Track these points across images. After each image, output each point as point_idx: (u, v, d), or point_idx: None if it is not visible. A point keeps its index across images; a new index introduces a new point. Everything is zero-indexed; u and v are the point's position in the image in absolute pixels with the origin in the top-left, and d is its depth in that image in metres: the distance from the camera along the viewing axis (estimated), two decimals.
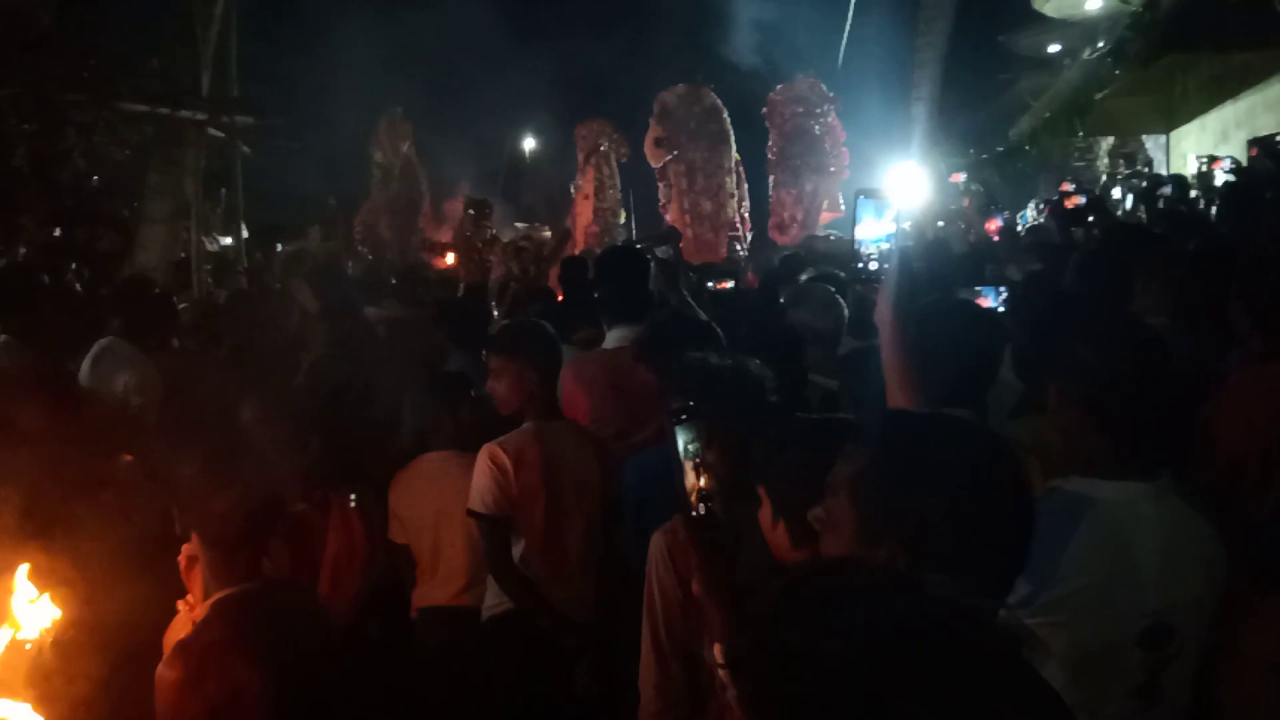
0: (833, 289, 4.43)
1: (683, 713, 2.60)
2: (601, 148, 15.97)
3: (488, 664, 3.66)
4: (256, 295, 7.41)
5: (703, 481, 1.87)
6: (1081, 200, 8.36)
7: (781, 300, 4.94)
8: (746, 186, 15.80)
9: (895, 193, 2.54)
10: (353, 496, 3.36)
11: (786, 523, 2.01)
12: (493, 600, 3.63)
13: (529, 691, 3.57)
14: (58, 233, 9.79)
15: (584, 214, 16.09)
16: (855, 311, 4.45)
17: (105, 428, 3.90)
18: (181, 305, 7.25)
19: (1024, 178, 16.70)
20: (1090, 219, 7.42)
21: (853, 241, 2.35)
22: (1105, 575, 1.97)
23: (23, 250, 9.53)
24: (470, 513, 3.56)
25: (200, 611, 2.33)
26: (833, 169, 15.60)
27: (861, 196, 2.36)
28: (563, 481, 3.59)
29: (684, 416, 1.88)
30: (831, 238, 11.12)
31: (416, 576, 3.96)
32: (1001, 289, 4.90)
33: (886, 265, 2.30)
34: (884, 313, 2.29)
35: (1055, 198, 9.85)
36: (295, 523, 3.16)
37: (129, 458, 3.52)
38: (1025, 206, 12.49)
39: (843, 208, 15.41)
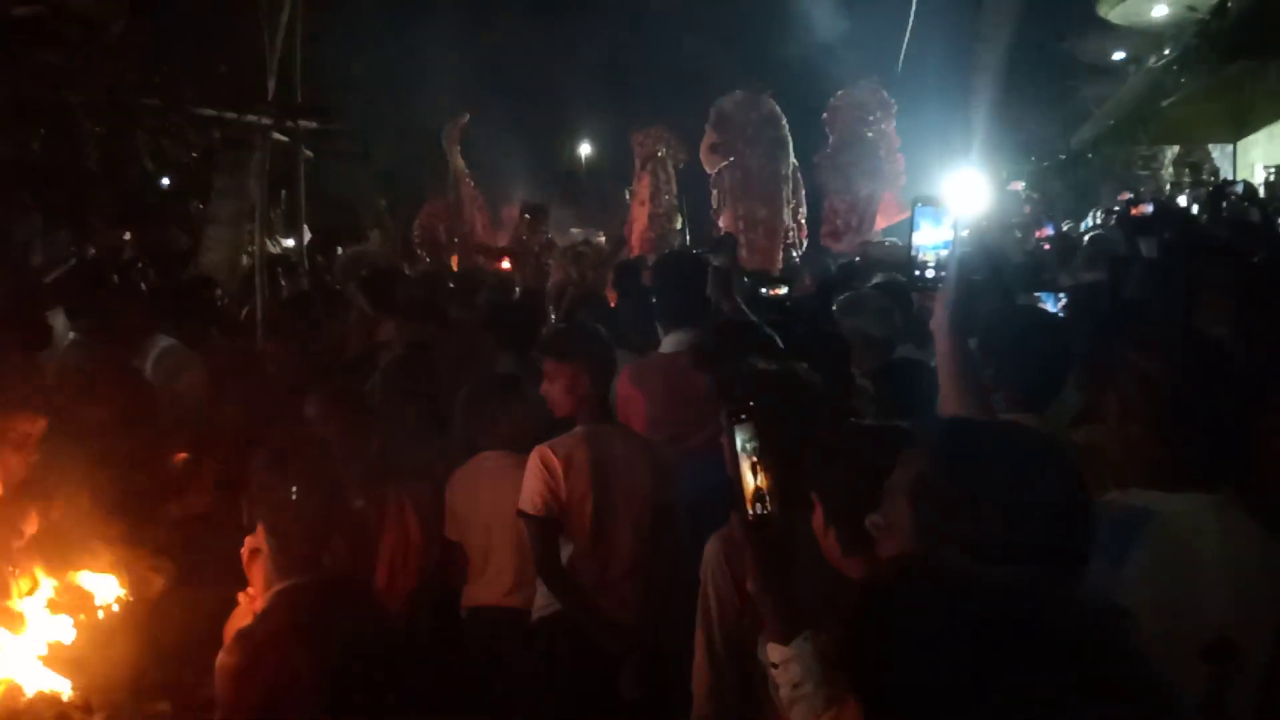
0: (888, 297, 4.41)
1: (735, 718, 2.60)
2: (659, 154, 15.99)
3: (536, 665, 3.68)
4: (316, 296, 7.52)
5: (760, 481, 1.88)
6: (1148, 208, 8.23)
7: (834, 307, 4.93)
8: (804, 193, 15.75)
9: (953, 199, 2.53)
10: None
11: (838, 529, 2.01)
12: (542, 602, 3.66)
13: (576, 694, 3.59)
14: (127, 235, 10.07)
15: (640, 220, 16.11)
16: (918, 318, 4.45)
17: (171, 427, 4.00)
18: (245, 307, 7.41)
19: (1087, 186, 16.47)
20: (1156, 228, 7.30)
21: (910, 249, 2.34)
22: (1167, 588, 1.94)
23: (92, 250, 9.79)
24: (520, 513, 3.59)
25: (261, 602, 2.38)
26: (889, 175, 15.49)
27: (919, 204, 2.36)
28: (612, 485, 3.60)
29: (743, 416, 1.90)
30: (887, 244, 11.04)
31: (468, 574, 4.01)
32: (1061, 295, 4.86)
33: (944, 273, 2.29)
34: (941, 320, 2.28)
35: (1119, 206, 9.71)
36: (354, 518, 3.22)
37: (184, 455, 3.61)
38: (1087, 215, 12.31)
39: (901, 214, 15.30)
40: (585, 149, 27.34)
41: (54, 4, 7.78)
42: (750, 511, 1.87)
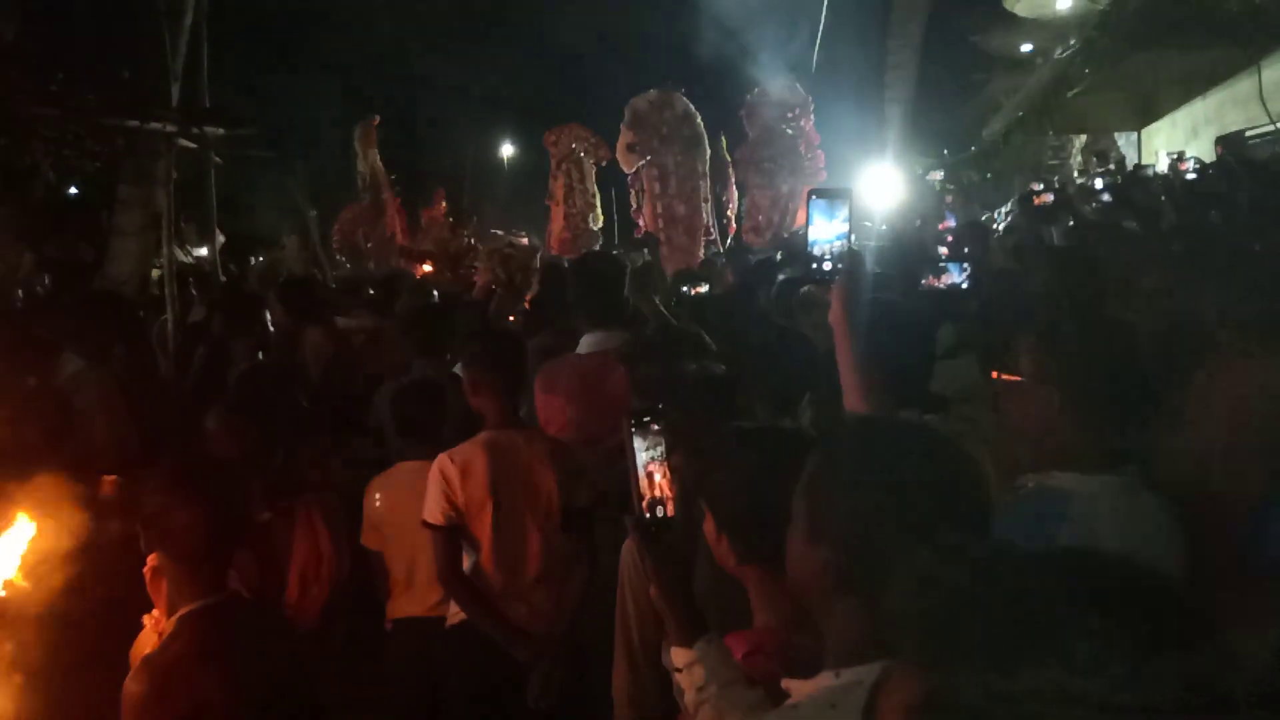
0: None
1: None
2: (573, 153, 15.95)
3: (449, 672, 3.64)
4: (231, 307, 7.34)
5: (661, 485, 1.86)
6: (1049, 197, 8.43)
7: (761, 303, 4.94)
8: (735, 190, 15.83)
9: (868, 192, 2.55)
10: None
11: (730, 536, 1.97)
12: (453, 609, 3.62)
13: (487, 700, 3.55)
14: (29, 250, 9.73)
15: (555, 220, 16.08)
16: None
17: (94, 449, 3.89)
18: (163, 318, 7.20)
19: (1000, 177, 16.82)
20: (1060, 216, 7.49)
21: (806, 242, 2.34)
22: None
23: None
24: (423, 523, 3.55)
25: (166, 626, 2.32)
26: (809, 171, 15.65)
27: (814, 197, 2.36)
28: (514, 491, 3.57)
29: (645, 420, 1.87)
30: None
31: (390, 587, 3.95)
32: (965, 265, 4.95)
33: (840, 265, 2.30)
34: (838, 313, 2.28)
35: (1023, 197, 9.95)
36: (262, 531, 3.17)
37: (113, 478, 3.51)
38: (1001, 205, 12.59)
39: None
40: (506, 149, 27.20)
41: None
42: (647, 515, 1.86)
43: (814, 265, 2.32)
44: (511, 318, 6.35)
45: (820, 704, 1.42)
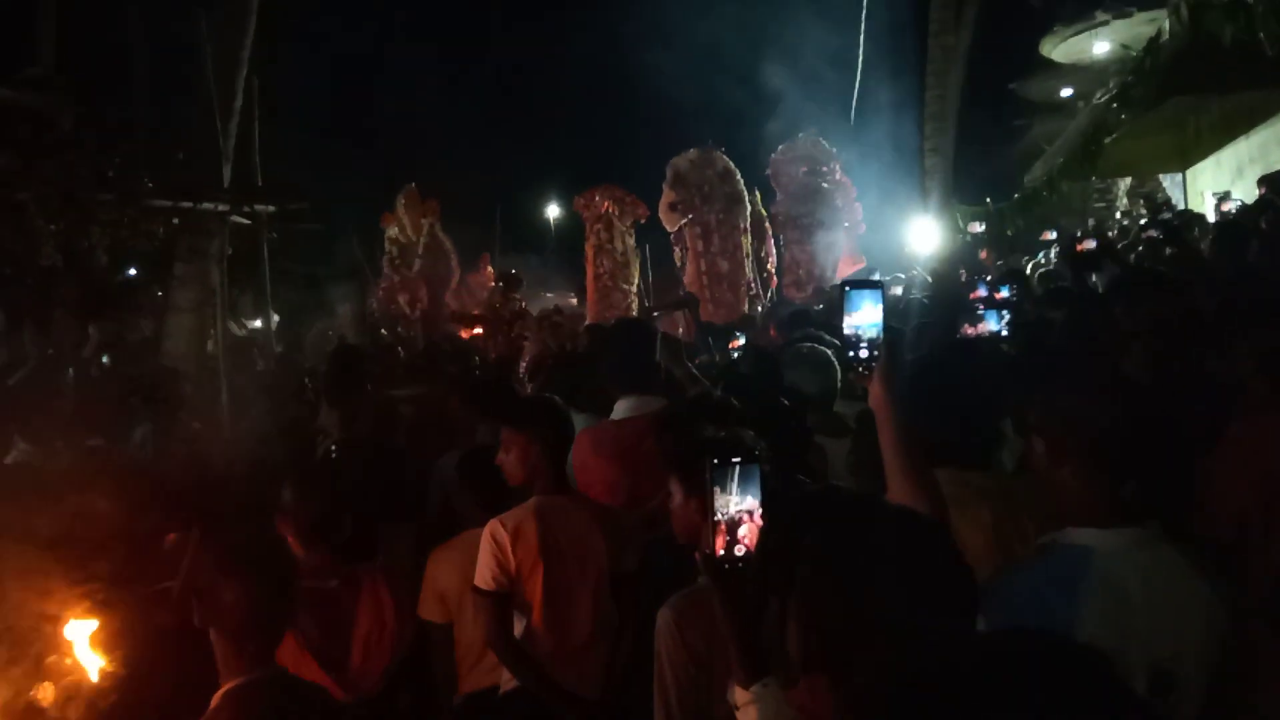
0: (828, 351, 4.45)
1: None
2: (607, 214, 16.08)
3: None
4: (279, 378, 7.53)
5: (733, 529, 1.90)
6: (1091, 244, 8.38)
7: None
8: (773, 243, 15.89)
9: (883, 284, 2.60)
10: None
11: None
12: (507, 675, 3.63)
13: None
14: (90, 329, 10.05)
15: (588, 283, 16.22)
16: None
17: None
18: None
19: (1045, 223, 16.73)
20: (1102, 264, 7.43)
21: (843, 331, 2.38)
22: (1109, 625, 1.98)
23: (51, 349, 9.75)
24: (473, 589, 3.57)
25: (213, 701, 2.37)
26: (847, 224, 15.69)
27: (850, 288, 2.41)
28: (564, 556, 3.58)
29: (729, 460, 1.92)
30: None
31: (461, 659, 3.93)
32: (1004, 313, 4.94)
33: (877, 353, 2.33)
34: (879, 398, 2.31)
35: (1065, 245, 9.89)
36: (327, 598, 3.22)
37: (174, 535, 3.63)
38: (1041, 252, 12.51)
39: (862, 259, 15.48)
40: (551, 211, 27.55)
41: (2, 104, 7.84)
42: (720, 554, 1.90)
43: (850, 354, 2.36)
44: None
45: None
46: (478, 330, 12.25)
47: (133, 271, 13.12)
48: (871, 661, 1.34)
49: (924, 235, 13.62)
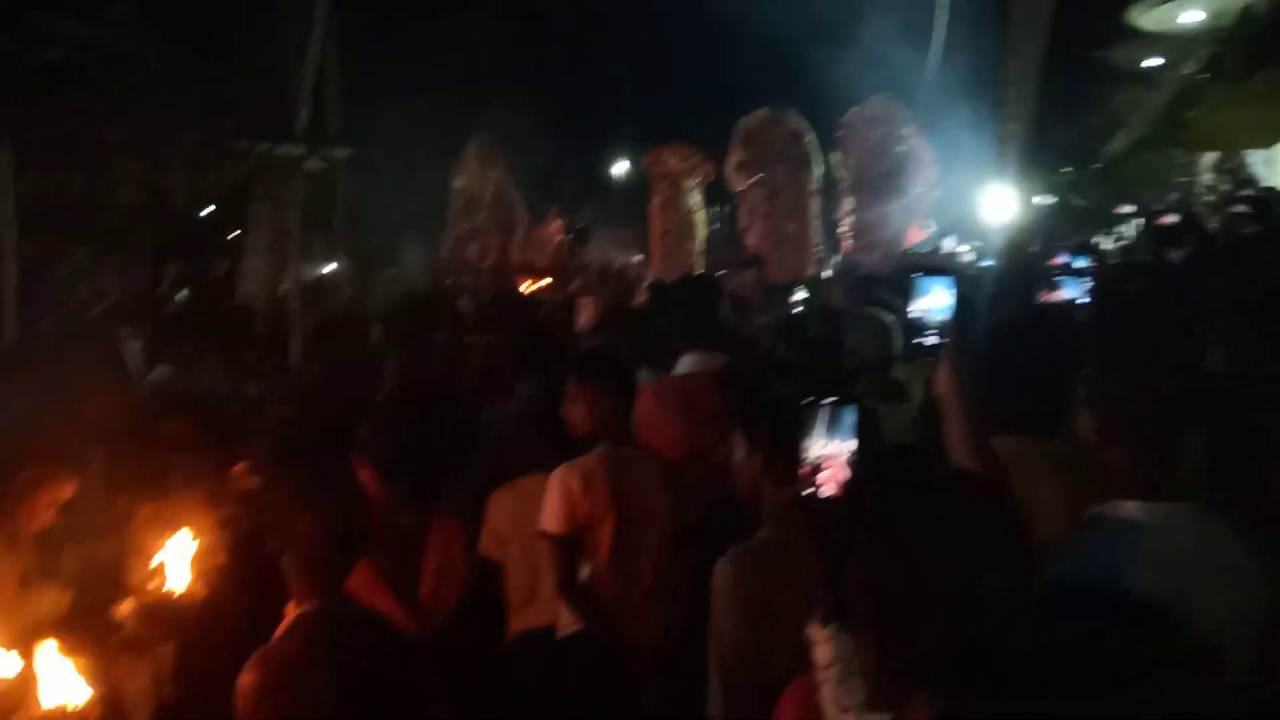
0: (889, 316, 4.43)
1: None
2: (670, 173, 15.99)
3: (562, 682, 3.72)
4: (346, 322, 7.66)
5: (827, 471, 1.93)
6: (1174, 219, 8.17)
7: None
8: (850, 204, 15.69)
9: (986, 216, 2.60)
10: None
11: None
12: (566, 620, 3.71)
13: (599, 712, 3.63)
14: (169, 267, 10.31)
15: (653, 240, 16.18)
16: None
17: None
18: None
19: (1123, 195, 16.32)
20: (1184, 239, 7.25)
21: (909, 316, 2.38)
22: (1157, 596, 1.98)
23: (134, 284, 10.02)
24: (540, 533, 3.64)
25: (283, 624, 2.46)
26: (919, 189, 15.44)
27: (920, 274, 2.41)
28: (631, 505, 3.65)
29: (831, 403, 1.95)
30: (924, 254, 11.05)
31: (511, 600, 4.03)
32: (1084, 279, 4.84)
33: (945, 339, 2.33)
34: (947, 385, 2.30)
35: (1146, 217, 9.65)
36: (399, 533, 3.32)
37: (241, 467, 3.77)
38: (1117, 227, 12.23)
39: (932, 226, 15.25)
40: (619, 167, 27.45)
41: (86, 44, 8.00)
42: (812, 492, 1.93)
43: (916, 340, 2.37)
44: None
45: None
46: (544, 283, 12.32)
47: (208, 210, 13.40)
48: (928, 625, 1.35)
49: (999, 203, 13.36)
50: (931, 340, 2.34)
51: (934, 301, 2.35)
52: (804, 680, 1.98)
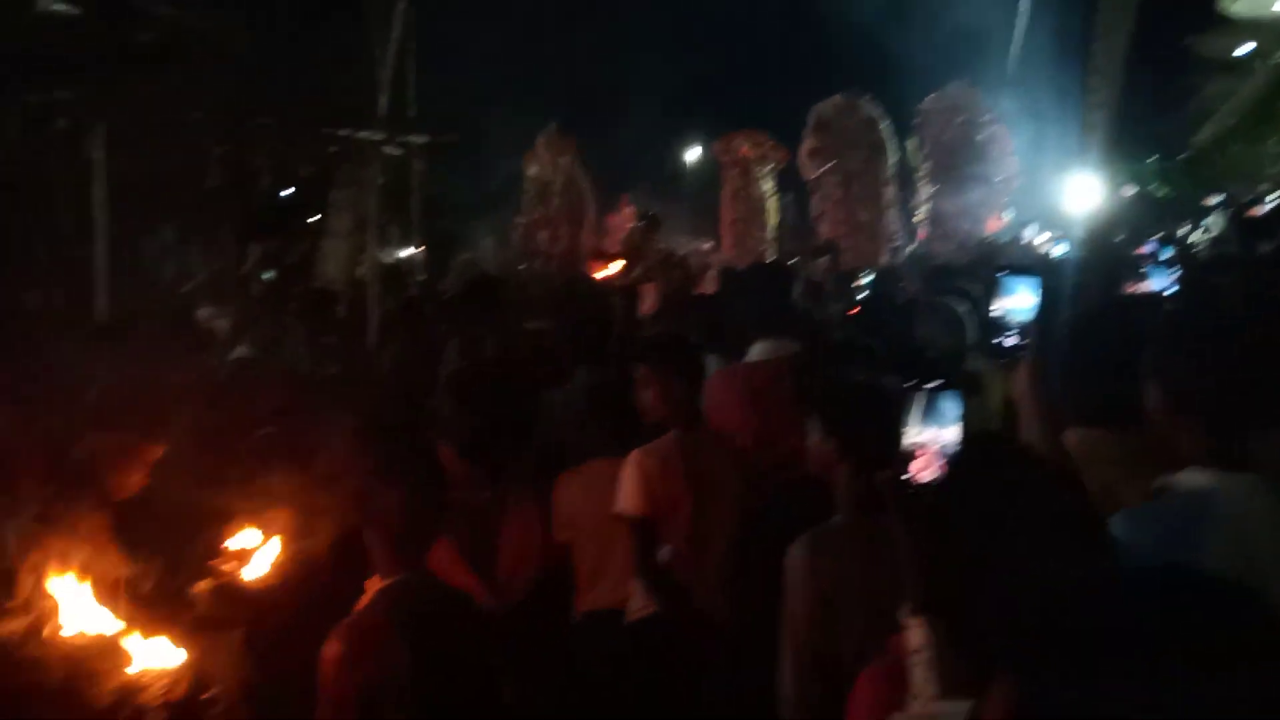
0: (963, 306, 4.38)
1: None
2: (741, 160, 15.93)
3: (634, 665, 3.76)
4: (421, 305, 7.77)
5: (921, 456, 1.95)
6: (1264, 211, 7.94)
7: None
8: (926, 193, 15.49)
9: (1041, 276, 2.56)
10: None
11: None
12: (638, 603, 3.74)
13: (671, 693, 3.67)
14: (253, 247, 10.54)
15: (724, 227, 16.15)
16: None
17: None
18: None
19: (1210, 186, 15.88)
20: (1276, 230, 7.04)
21: (991, 315, 2.37)
22: (1229, 565, 1.96)
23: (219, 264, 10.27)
24: (617, 515, 3.68)
25: (365, 596, 2.53)
26: (999, 177, 15.17)
27: (1007, 272, 2.40)
28: (705, 489, 3.67)
29: (930, 388, 1.96)
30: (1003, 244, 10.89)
31: (578, 580, 4.10)
32: (1171, 269, 4.75)
33: (1026, 341, 2.31)
34: (1026, 390, 2.28)
35: (1235, 209, 9.39)
36: (478, 510, 3.39)
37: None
38: (1206, 216, 11.90)
39: (1009, 215, 14.98)
40: (691, 154, 27.35)
41: (179, 27, 8.21)
42: (906, 476, 1.94)
43: (995, 341, 2.35)
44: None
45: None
46: (614, 269, 12.33)
47: (288, 192, 13.65)
48: (1013, 610, 1.36)
49: (1082, 192, 13.05)
50: (1012, 341, 2.32)
51: (1018, 301, 2.33)
52: (879, 665, 1.99)
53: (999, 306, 2.34)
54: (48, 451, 3.80)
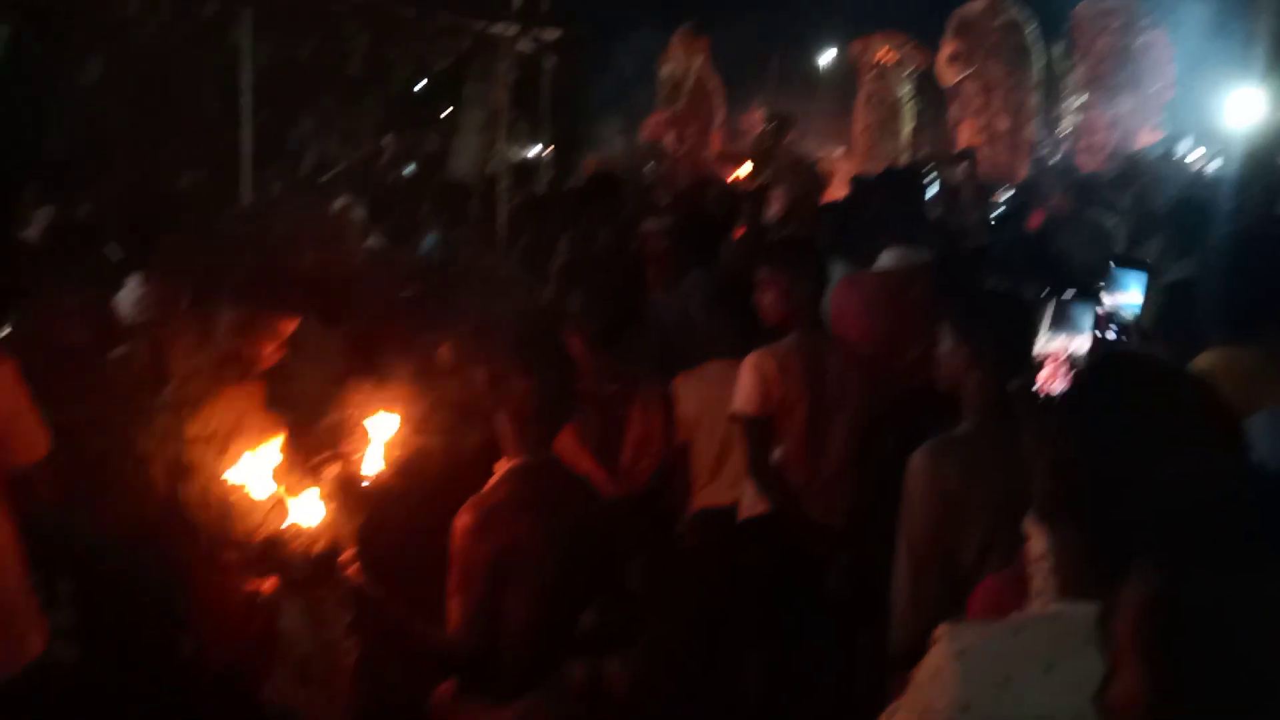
0: (1109, 222, 4.22)
1: (934, 624, 2.66)
2: (877, 63, 15.40)
3: (746, 562, 3.84)
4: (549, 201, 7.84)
5: (1054, 364, 1.94)
6: None
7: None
8: (1076, 102, 14.78)
9: (1151, 271, 2.47)
10: None
11: None
12: (749, 501, 3.80)
13: (781, 590, 3.74)
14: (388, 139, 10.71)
15: (857, 132, 15.70)
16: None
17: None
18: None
19: None
20: None
21: (1102, 307, 2.29)
22: None
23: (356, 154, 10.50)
24: (733, 415, 3.72)
25: (495, 475, 2.64)
26: (1153, 88, 14.34)
27: (1120, 265, 2.32)
28: (824, 392, 3.68)
29: (1067, 298, 1.95)
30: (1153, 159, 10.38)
31: (694, 479, 4.18)
32: None
33: (1124, 339, 2.24)
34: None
35: None
36: (605, 400, 3.50)
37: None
38: None
39: (1163, 130, 14.21)
40: (828, 57, 26.59)
41: None
42: (1036, 385, 1.94)
43: (1098, 332, 2.28)
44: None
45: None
46: (742, 172, 12.21)
47: (423, 85, 13.77)
48: (1145, 513, 1.35)
49: (1243, 106, 12.27)
50: (1114, 337, 2.26)
51: (1127, 298, 2.26)
52: (1000, 574, 2.00)
53: (1107, 300, 2.27)
54: (197, 325, 4.06)
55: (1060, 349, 1.94)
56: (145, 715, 3.42)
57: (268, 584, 2.91)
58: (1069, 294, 1.92)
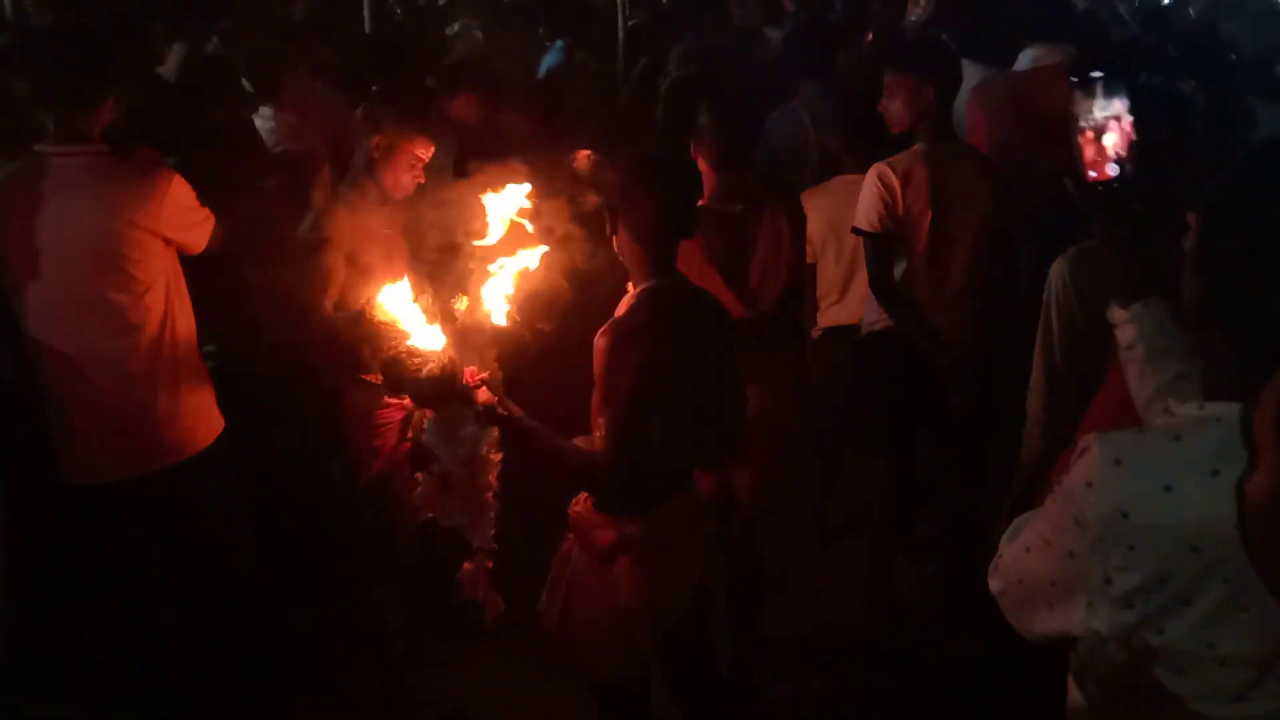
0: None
1: (1066, 435, 2.66)
2: None
3: (869, 376, 3.84)
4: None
5: (1105, 147, 1.87)
6: None
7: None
8: None
9: None
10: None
11: None
12: (872, 317, 3.77)
13: (903, 403, 3.75)
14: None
15: None
16: None
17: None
18: None
19: None
20: None
21: None
22: None
23: None
24: (855, 230, 3.65)
25: (629, 296, 2.69)
26: None
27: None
28: (950, 204, 3.56)
29: (1094, 77, 1.88)
30: None
31: (818, 298, 4.16)
32: None
33: None
34: None
35: None
36: (732, 220, 3.47)
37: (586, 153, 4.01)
38: None
39: None
40: None
41: None
42: (1092, 175, 1.88)
43: None
44: None
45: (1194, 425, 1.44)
46: None
47: None
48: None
49: None
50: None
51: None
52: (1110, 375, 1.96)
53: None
54: (335, 151, 4.17)
55: (1114, 129, 1.82)
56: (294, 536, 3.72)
57: (407, 402, 3.06)
58: (1102, 74, 1.79)
